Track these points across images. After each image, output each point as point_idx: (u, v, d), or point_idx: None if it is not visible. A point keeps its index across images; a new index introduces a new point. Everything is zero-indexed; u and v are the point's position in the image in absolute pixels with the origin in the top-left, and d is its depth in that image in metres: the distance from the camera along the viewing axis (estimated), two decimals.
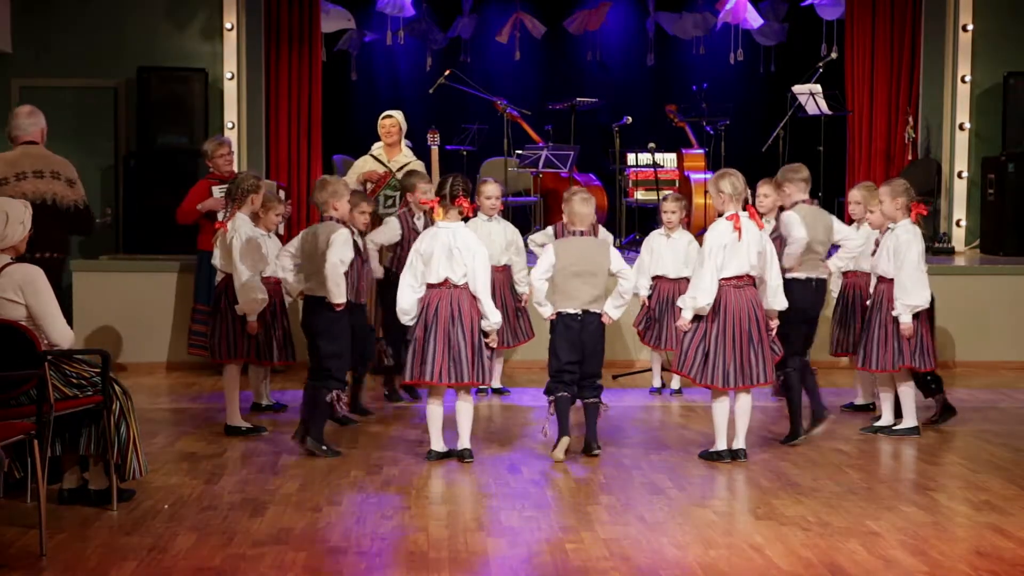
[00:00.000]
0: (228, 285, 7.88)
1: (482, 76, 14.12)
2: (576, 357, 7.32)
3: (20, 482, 6.14)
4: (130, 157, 11.97)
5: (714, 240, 7.13)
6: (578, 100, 13.22)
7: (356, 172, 10.21)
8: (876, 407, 8.43)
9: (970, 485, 6.81)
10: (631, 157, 13.35)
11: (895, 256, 7.74)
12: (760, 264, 7.18)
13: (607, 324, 7.41)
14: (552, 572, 5.30)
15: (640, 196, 13.12)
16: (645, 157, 13.20)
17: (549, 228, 9.30)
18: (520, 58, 15.08)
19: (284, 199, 8.84)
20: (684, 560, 5.43)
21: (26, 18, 12.19)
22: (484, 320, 7.18)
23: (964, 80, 12.79)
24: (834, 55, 13.41)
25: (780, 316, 7.35)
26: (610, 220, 13.01)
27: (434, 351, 7.07)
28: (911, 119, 12.80)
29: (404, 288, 7.20)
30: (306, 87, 12.70)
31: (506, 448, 7.65)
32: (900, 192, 7.85)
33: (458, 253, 7.12)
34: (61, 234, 8.26)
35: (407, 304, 7.17)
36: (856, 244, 8.19)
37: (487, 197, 8.92)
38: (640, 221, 13.23)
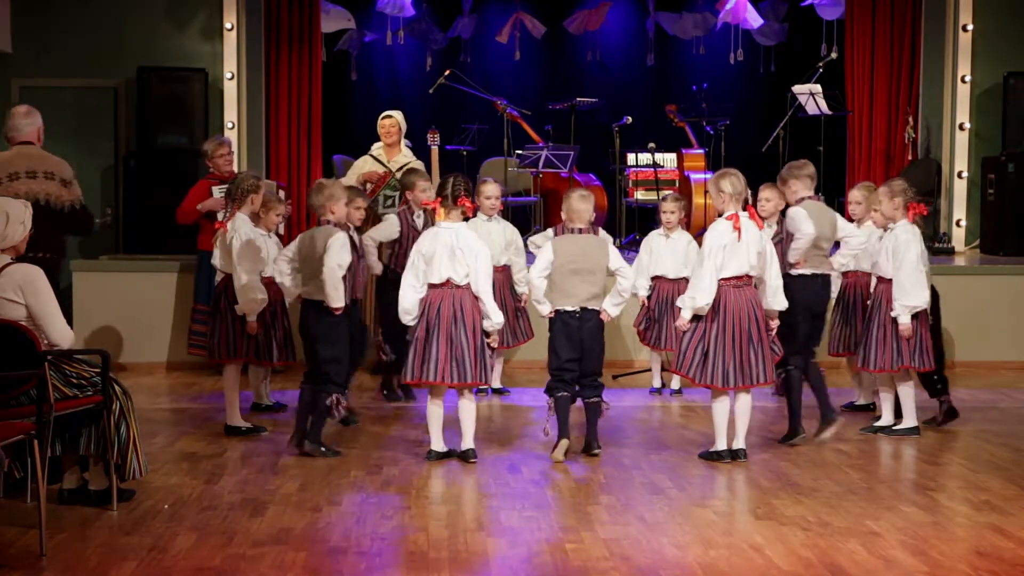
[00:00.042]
0: (228, 285, 7.88)
1: (482, 76, 14.11)
2: (575, 355, 7.33)
3: (20, 482, 6.15)
4: (130, 157, 11.97)
5: (714, 240, 7.13)
6: (578, 100, 13.21)
7: (356, 172, 10.22)
8: (876, 407, 8.44)
9: (970, 485, 6.81)
10: (631, 157, 13.33)
11: (894, 256, 7.74)
12: (760, 264, 7.17)
13: (606, 321, 7.41)
14: (552, 572, 5.30)
15: (640, 196, 13.11)
16: (645, 157, 13.20)
17: (549, 231, 9.27)
18: (520, 58, 15.07)
19: (284, 199, 8.83)
20: (684, 560, 5.43)
21: (26, 18, 12.19)
22: (486, 320, 7.18)
23: (964, 80, 12.79)
24: (834, 55, 13.40)
25: (785, 311, 7.34)
26: (610, 220, 13.01)
27: (437, 351, 7.07)
28: (911, 119, 12.80)
29: (406, 288, 7.19)
30: (306, 87, 12.69)
31: (506, 448, 7.65)
32: (898, 192, 7.84)
33: (460, 253, 7.12)
34: (55, 234, 8.23)
35: (409, 304, 7.17)
36: (859, 242, 8.17)
37: (487, 197, 8.93)
38: (640, 221, 13.21)
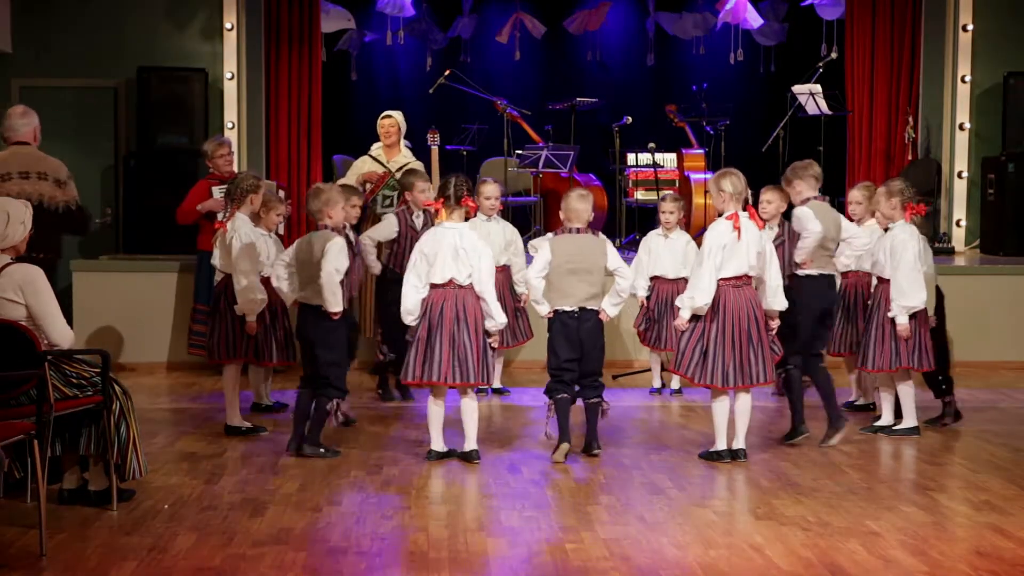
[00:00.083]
0: (228, 285, 7.88)
1: (482, 76, 14.11)
2: (575, 355, 7.31)
3: (20, 482, 6.15)
4: (130, 157, 11.96)
5: (713, 240, 7.13)
6: (578, 100, 13.21)
7: (355, 172, 10.22)
8: (876, 407, 8.44)
9: (970, 485, 6.81)
10: (631, 157, 13.34)
11: (891, 256, 7.74)
12: (759, 264, 7.17)
13: (605, 322, 7.40)
14: (552, 572, 5.30)
15: (640, 196, 13.11)
16: (645, 157, 13.20)
17: (549, 234, 9.26)
18: (520, 58, 15.07)
19: (284, 199, 8.83)
20: (684, 560, 5.43)
21: (26, 18, 12.19)
22: (489, 320, 7.18)
23: (964, 80, 12.79)
24: (834, 55, 13.40)
25: (790, 311, 7.33)
26: (610, 220, 13.02)
27: (440, 351, 7.07)
28: (911, 119, 12.79)
29: (409, 289, 7.18)
30: (306, 87, 12.69)
31: (506, 448, 7.65)
32: (895, 192, 7.85)
33: (464, 254, 7.12)
34: (50, 235, 8.22)
35: (412, 304, 7.16)
36: (863, 243, 8.14)
37: (486, 197, 8.93)
38: (640, 221, 13.21)
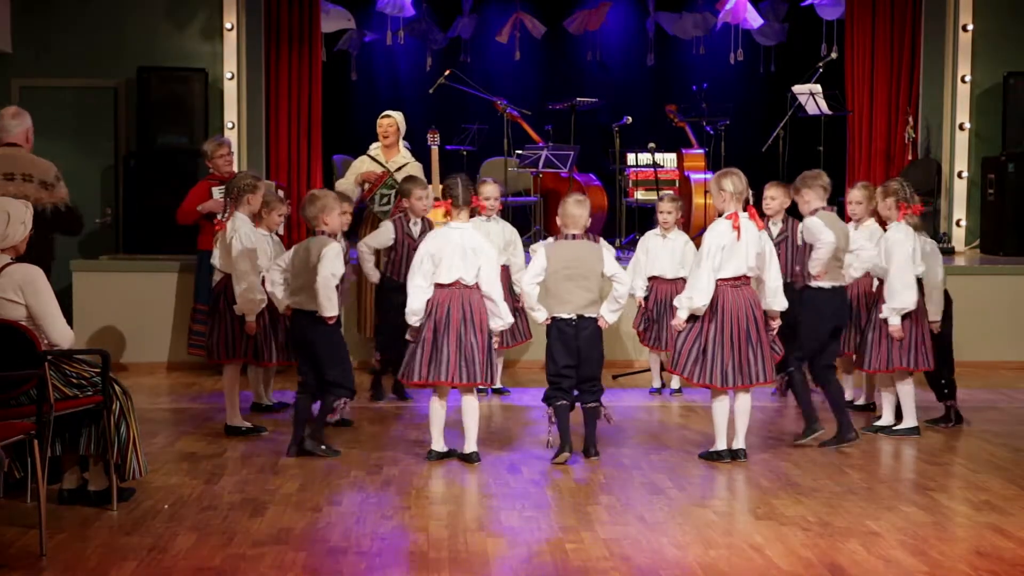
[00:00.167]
0: (227, 285, 7.88)
1: (482, 76, 14.12)
2: (572, 361, 7.25)
3: (20, 482, 6.15)
4: (130, 157, 11.96)
5: (713, 240, 7.12)
6: (578, 100, 13.20)
7: (354, 172, 10.23)
8: (876, 407, 8.43)
9: (970, 485, 6.81)
10: (631, 157, 13.34)
11: (886, 257, 7.73)
12: (759, 265, 7.17)
13: (604, 328, 7.35)
14: (552, 572, 5.30)
15: (640, 196, 13.10)
16: (645, 157, 13.19)
17: (550, 239, 9.25)
18: (520, 58, 15.08)
19: (283, 199, 8.82)
20: (684, 560, 5.43)
21: (26, 18, 12.19)
22: (497, 320, 7.17)
23: (964, 80, 12.79)
24: (834, 55, 13.40)
25: (802, 322, 7.30)
26: (610, 220, 13.01)
27: (447, 351, 7.06)
28: (911, 119, 12.80)
29: (415, 290, 7.16)
30: (306, 87, 12.69)
31: (506, 448, 7.65)
32: (890, 192, 7.86)
33: (472, 254, 7.12)
34: (38, 237, 8.17)
35: (418, 306, 7.14)
36: (870, 255, 7.90)
37: (486, 197, 8.91)
38: (640, 221, 13.21)
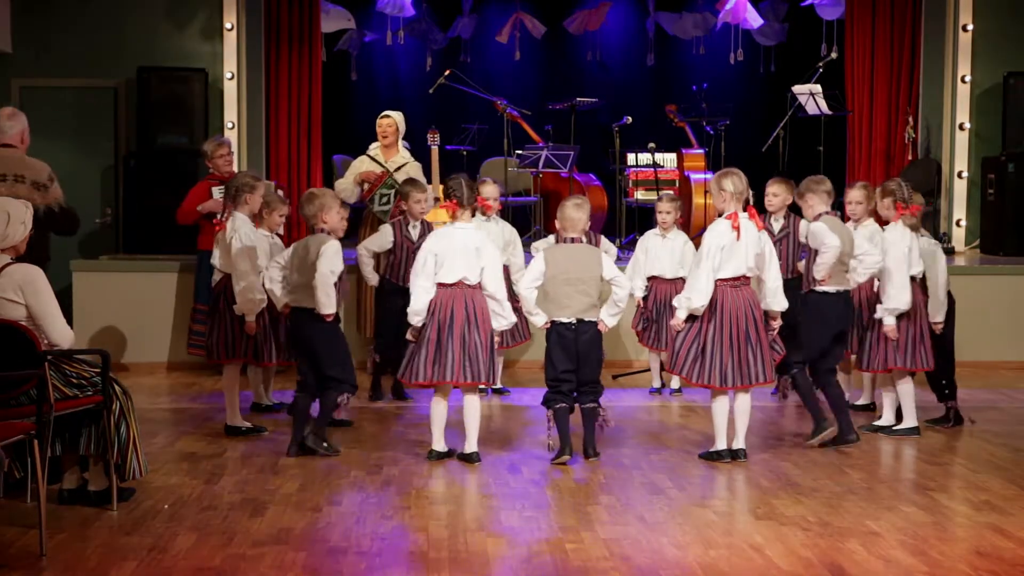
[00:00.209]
0: (227, 285, 7.87)
1: (482, 76, 14.12)
2: (572, 366, 7.22)
3: (20, 482, 6.15)
4: (130, 157, 11.96)
5: (712, 241, 7.12)
6: (578, 100, 13.20)
7: (353, 172, 10.22)
8: (876, 407, 8.43)
9: (970, 485, 6.81)
10: (631, 157, 13.34)
11: (883, 257, 7.73)
12: (758, 265, 7.17)
13: (604, 332, 7.31)
14: (552, 572, 5.30)
15: (640, 196, 13.10)
16: (645, 157, 13.20)
17: (551, 237, 9.27)
18: (520, 58, 15.08)
19: (284, 199, 8.82)
20: (684, 560, 5.43)
21: (26, 18, 12.19)
22: (500, 320, 7.18)
23: (964, 80, 12.79)
24: (834, 55, 13.41)
25: (807, 325, 7.30)
26: (610, 220, 13.01)
27: (452, 352, 7.06)
28: (911, 119, 12.80)
29: (419, 290, 7.16)
30: (306, 87, 12.69)
31: (506, 448, 7.65)
32: (888, 192, 7.86)
33: (476, 254, 7.12)
34: (33, 238, 8.15)
35: (422, 306, 7.14)
36: (874, 260, 7.74)
37: (485, 198, 8.93)
38: (640, 221, 13.21)
